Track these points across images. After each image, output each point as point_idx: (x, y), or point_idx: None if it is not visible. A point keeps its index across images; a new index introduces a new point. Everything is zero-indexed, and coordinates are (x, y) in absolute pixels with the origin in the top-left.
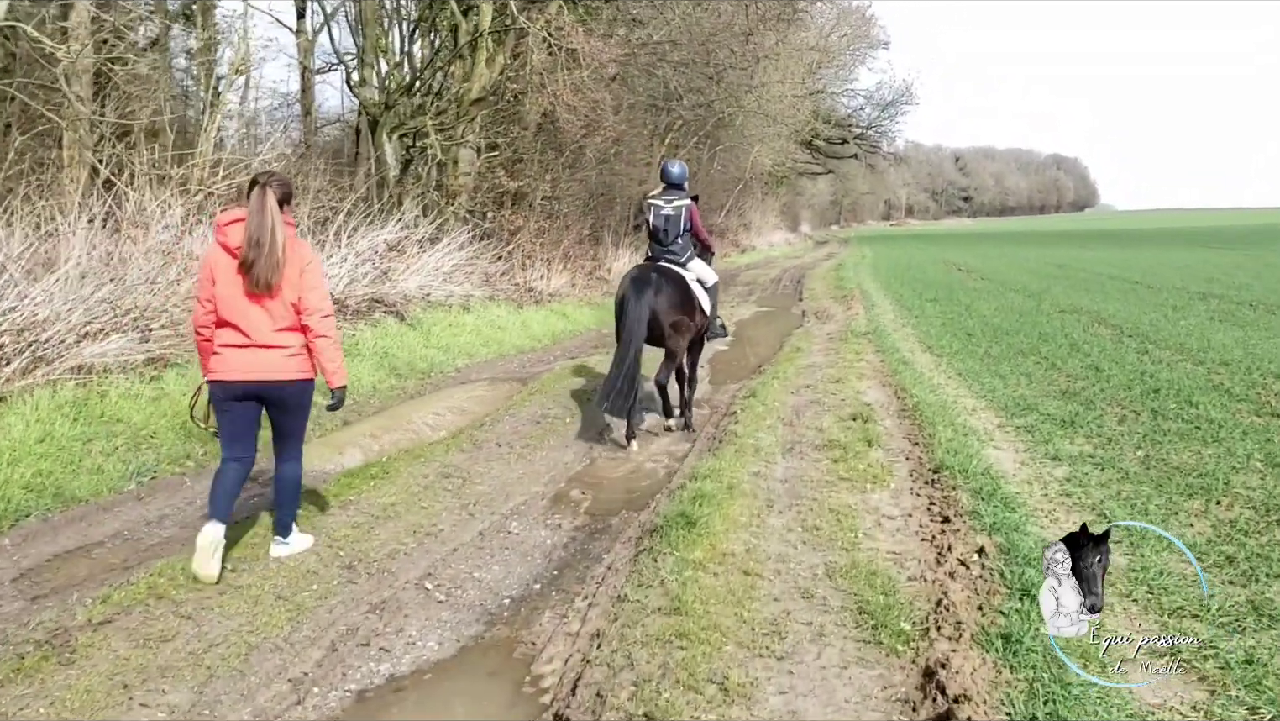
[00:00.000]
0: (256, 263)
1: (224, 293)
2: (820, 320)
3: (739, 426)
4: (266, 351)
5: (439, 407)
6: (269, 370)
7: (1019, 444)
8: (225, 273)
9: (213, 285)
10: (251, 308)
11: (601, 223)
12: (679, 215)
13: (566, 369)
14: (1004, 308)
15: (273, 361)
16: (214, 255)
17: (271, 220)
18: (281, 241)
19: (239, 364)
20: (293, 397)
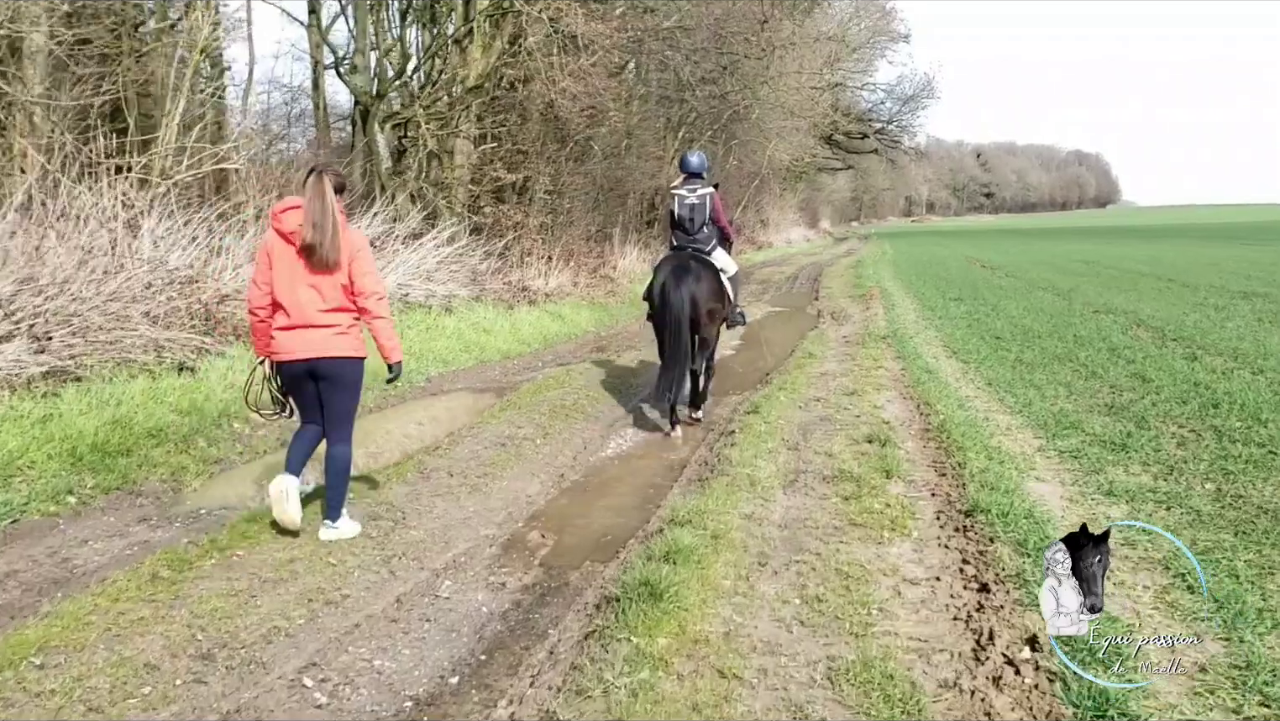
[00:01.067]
0: (320, 244)
1: (280, 277)
2: (837, 322)
3: (735, 450)
4: (314, 330)
5: (391, 426)
6: (317, 348)
7: (1065, 474)
8: (281, 257)
9: (269, 270)
10: (303, 290)
11: (610, 218)
12: (704, 203)
13: (551, 378)
14: (1033, 307)
15: (321, 339)
16: (270, 241)
17: (329, 203)
18: (340, 224)
19: (291, 343)
20: (341, 374)
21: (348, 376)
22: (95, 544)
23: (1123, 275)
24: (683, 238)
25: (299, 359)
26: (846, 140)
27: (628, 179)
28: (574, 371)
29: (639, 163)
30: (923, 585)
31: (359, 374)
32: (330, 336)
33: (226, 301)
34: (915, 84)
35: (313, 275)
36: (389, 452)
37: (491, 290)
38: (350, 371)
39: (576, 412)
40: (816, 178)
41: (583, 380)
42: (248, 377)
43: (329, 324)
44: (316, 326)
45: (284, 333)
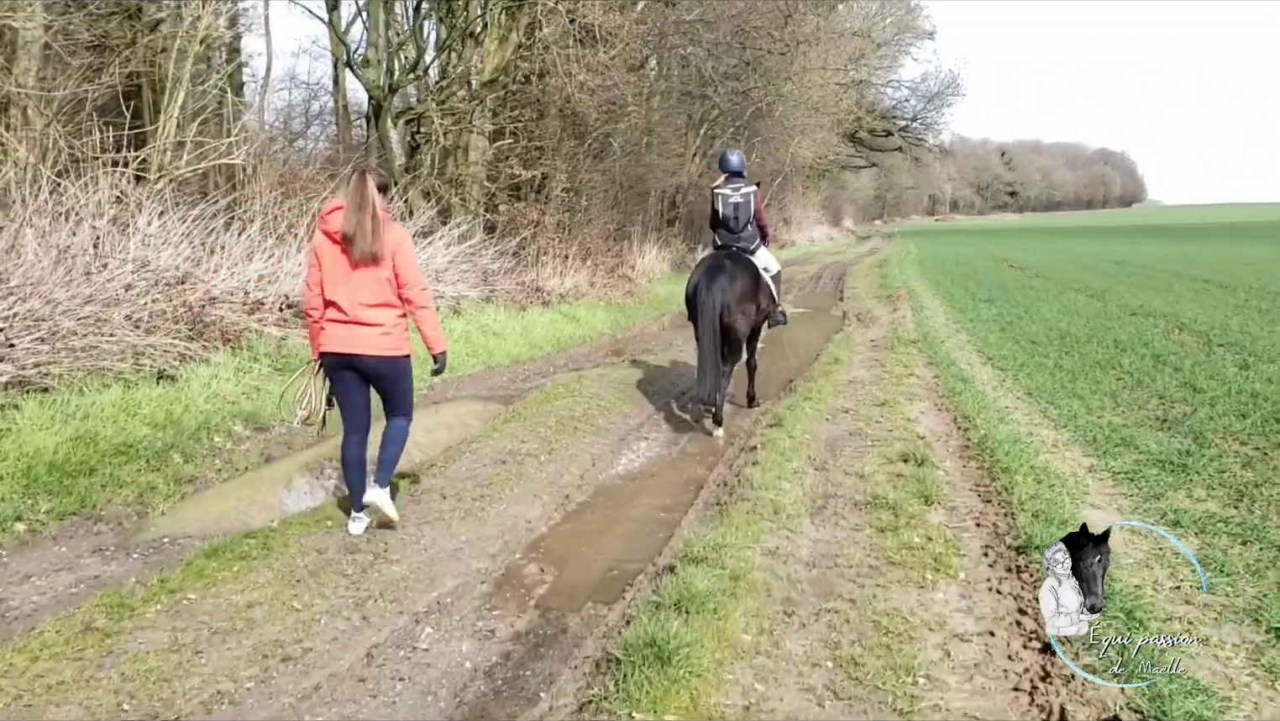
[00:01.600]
0: (357, 238)
1: (329, 275)
2: (863, 323)
3: (757, 470)
4: (360, 328)
5: None
6: (362, 345)
7: (1122, 499)
8: (329, 256)
9: (320, 270)
10: (350, 286)
11: (630, 216)
12: (747, 202)
13: (561, 385)
14: (1067, 309)
15: (366, 337)
16: (319, 242)
17: (369, 199)
18: (380, 220)
19: (336, 337)
20: (384, 372)
21: (397, 372)
22: (38, 580)
23: (1156, 275)
24: (727, 236)
25: (342, 352)
26: (870, 138)
27: (648, 176)
28: (586, 378)
29: (660, 160)
30: (975, 642)
31: (406, 368)
32: (376, 335)
33: (216, 304)
34: (940, 81)
35: (357, 270)
36: None
37: (503, 290)
38: (399, 368)
39: (586, 425)
40: (840, 175)
41: (594, 388)
42: (293, 377)
43: (374, 321)
44: (362, 324)
45: (332, 325)
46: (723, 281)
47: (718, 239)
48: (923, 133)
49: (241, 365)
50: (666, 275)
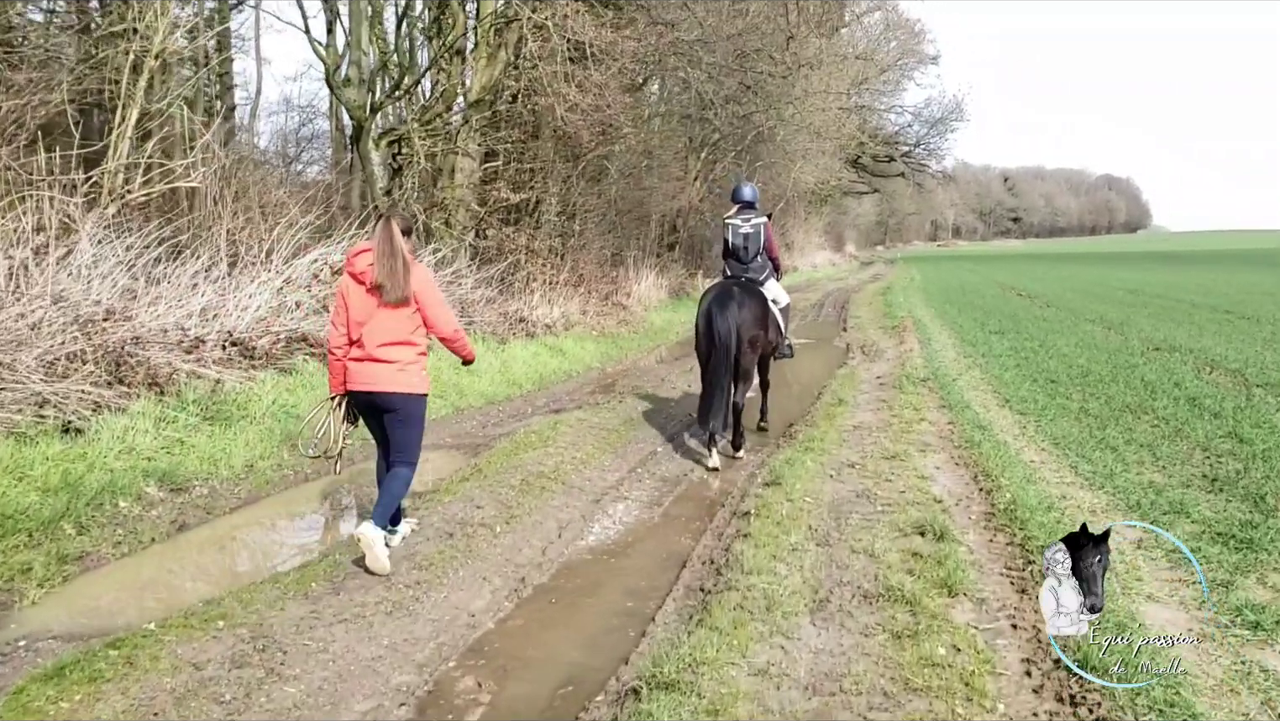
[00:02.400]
0: (387, 285)
1: (355, 315)
2: (868, 357)
3: (749, 546)
4: (378, 365)
5: (311, 508)
6: (380, 382)
7: (1184, 588)
8: (355, 296)
9: (346, 310)
10: (374, 325)
11: (627, 241)
12: (757, 233)
13: (534, 432)
14: (1085, 343)
15: (383, 374)
16: (345, 283)
17: (397, 245)
18: (406, 262)
19: (359, 375)
20: (401, 408)
21: (410, 411)
22: None
23: (1174, 305)
24: (737, 267)
25: (366, 390)
26: (873, 163)
27: (648, 200)
28: (563, 423)
29: (660, 184)
30: None
31: (421, 409)
32: (393, 373)
33: (145, 344)
34: (944, 106)
35: (383, 311)
36: (293, 550)
37: (482, 322)
38: (412, 407)
39: (556, 483)
40: (842, 201)
41: (571, 435)
42: (311, 413)
43: (392, 359)
44: (381, 361)
45: (354, 363)
46: (732, 309)
47: (727, 269)
48: (925, 158)
49: (165, 414)
50: (664, 303)
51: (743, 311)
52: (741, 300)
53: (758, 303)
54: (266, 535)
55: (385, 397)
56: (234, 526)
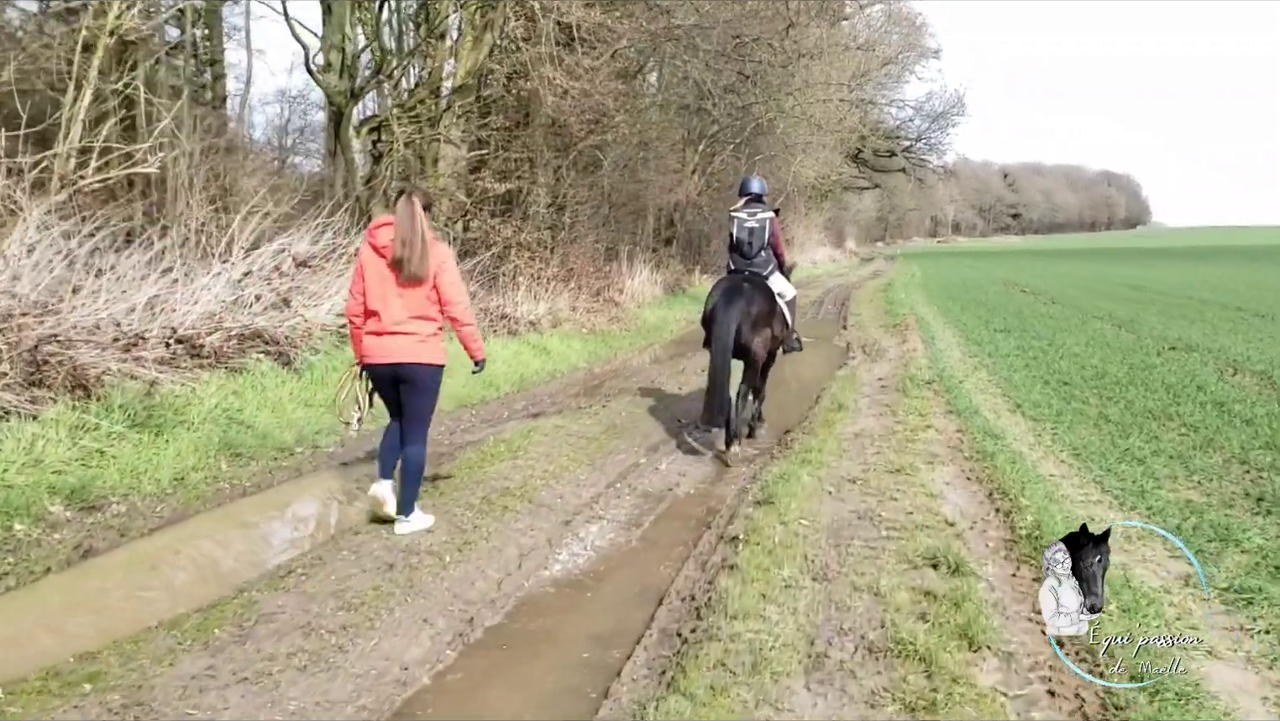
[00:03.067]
0: (409, 260)
1: (372, 286)
2: (869, 357)
3: (735, 581)
4: (398, 337)
5: (228, 534)
6: (400, 353)
7: (1249, 640)
8: (374, 269)
9: (363, 280)
10: (393, 299)
11: (622, 235)
12: (762, 228)
13: (505, 441)
14: (1096, 342)
15: (403, 345)
16: (365, 254)
17: (418, 222)
18: (427, 240)
19: (377, 347)
20: (420, 378)
21: (427, 381)
22: None
23: (1182, 302)
24: (741, 261)
25: (384, 362)
26: (874, 158)
27: (644, 193)
28: (538, 430)
29: (656, 176)
30: None
31: (437, 379)
32: (413, 344)
33: (70, 342)
34: (945, 101)
35: (401, 286)
36: (207, 583)
37: None
38: (429, 376)
39: (522, 501)
40: (842, 196)
41: (545, 445)
42: (339, 383)
43: (412, 331)
44: (401, 334)
45: (372, 337)
46: (740, 304)
47: (731, 263)
48: (927, 153)
49: (83, 421)
50: (658, 299)
51: (751, 307)
52: (750, 295)
53: (765, 297)
54: (184, 562)
55: (406, 369)
56: (147, 552)
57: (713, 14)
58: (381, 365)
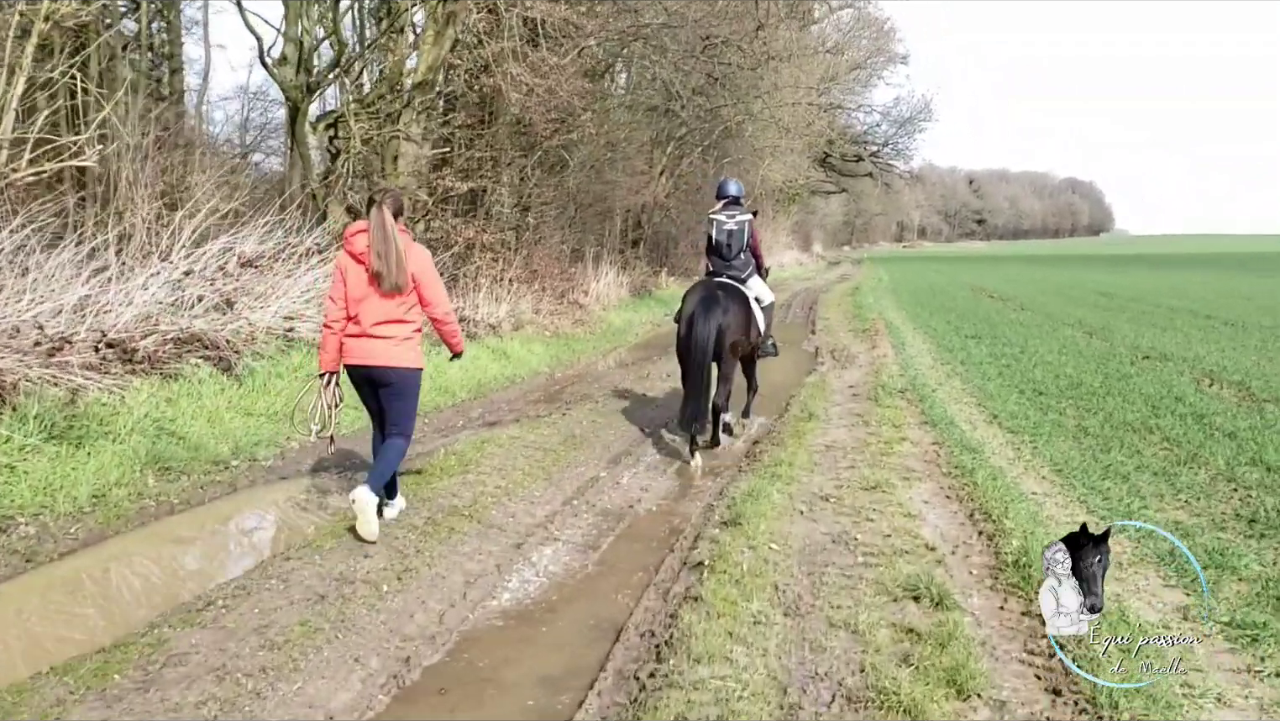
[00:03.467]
0: (386, 273)
1: (351, 292)
2: (839, 363)
3: (699, 615)
4: (375, 341)
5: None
6: (377, 356)
7: (1258, 684)
8: (353, 274)
9: (344, 285)
10: (371, 303)
11: (589, 236)
12: (741, 230)
13: (457, 454)
14: (1068, 350)
15: (380, 349)
16: (342, 260)
17: (390, 232)
18: (401, 249)
19: (355, 350)
20: (397, 382)
21: (405, 384)
22: None
23: (1152, 310)
24: (719, 264)
25: (362, 364)
26: (841, 163)
27: (610, 194)
28: (492, 442)
29: (623, 178)
30: None
31: (416, 382)
32: (389, 347)
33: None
34: (912, 106)
35: (382, 295)
36: (114, 618)
37: None
38: (407, 380)
39: (471, 521)
40: (810, 201)
41: (499, 457)
42: (301, 394)
43: (388, 335)
44: (378, 337)
45: (351, 339)
46: (716, 313)
47: (710, 265)
48: (894, 158)
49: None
50: (624, 302)
51: (726, 316)
52: (726, 305)
53: (741, 305)
54: (92, 593)
55: (382, 371)
56: (51, 581)
57: (681, 13)
58: (359, 366)
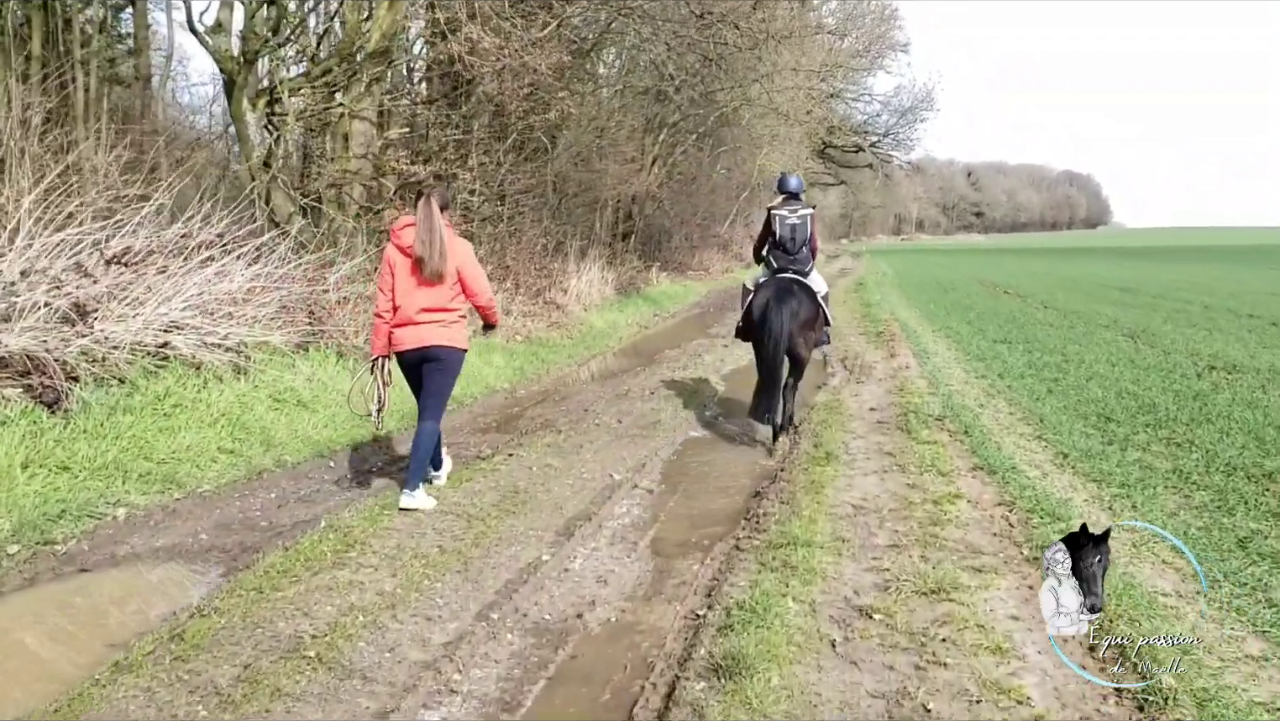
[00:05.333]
0: (428, 259)
1: (400, 283)
2: (854, 376)
3: None
4: (425, 326)
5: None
6: (428, 338)
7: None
8: (400, 267)
9: (392, 277)
10: (419, 293)
11: (574, 230)
12: (804, 224)
13: (344, 527)
14: (1117, 359)
15: (430, 331)
16: (391, 254)
17: (436, 222)
18: (446, 240)
19: (407, 337)
20: (444, 359)
21: (450, 362)
22: None
23: (1184, 307)
24: (782, 258)
25: (414, 348)
26: (840, 154)
27: (598, 183)
28: (397, 507)
29: (612, 165)
30: None
31: (460, 362)
32: (437, 329)
33: None
34: (914, 95)
35: (423, 283)
36: None
37: (340, 331)
38: (452, 359)
39: (317, 668)
40: (808, 193)
41: (400, 533)
42: (356, 379)
43: (437, 320)
44: (427, 323)
45: (400, 328)
46: (792, 305)
47: (773, 260)
48: (894, 148)
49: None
50: (609, 302)
51: (802, 309)
52: (800, 297)
53: (811, 300)
54: None
55: (434, 350)
56: None
57: None
58: (412, 350)
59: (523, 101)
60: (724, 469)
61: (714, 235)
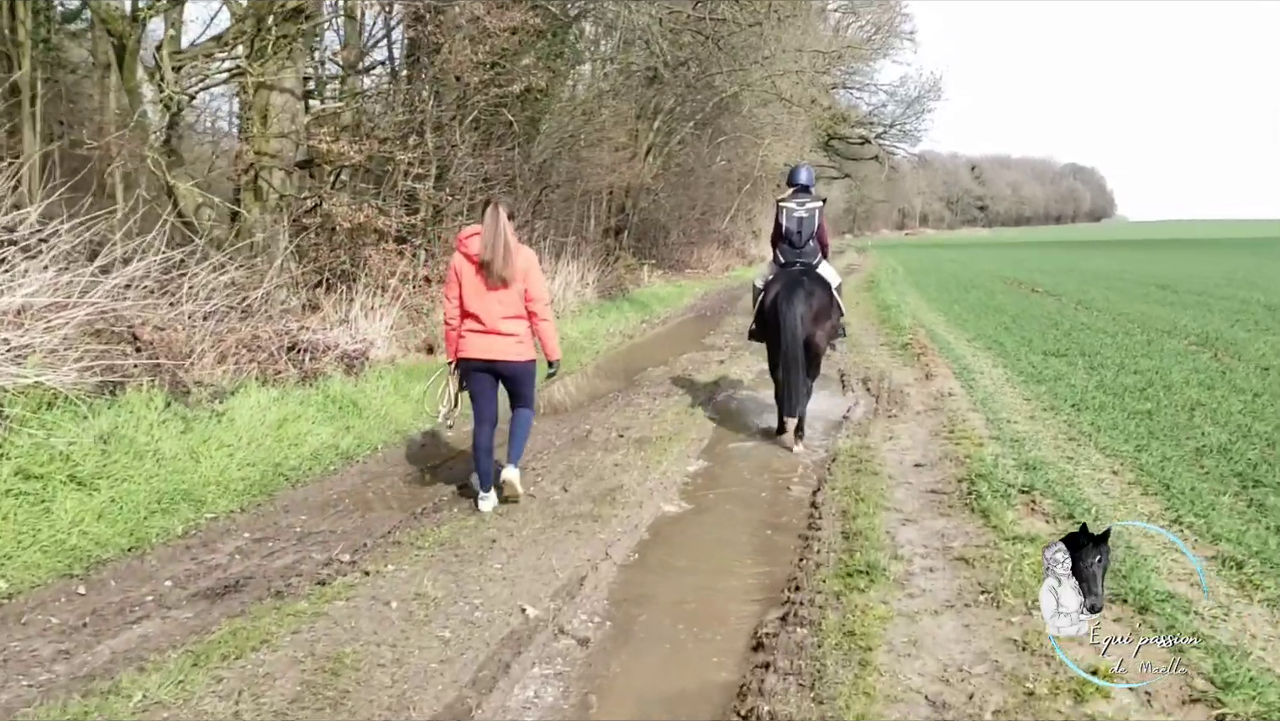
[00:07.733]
0: (493, 263)
1: (467, 291)
2: (882, 405)
3: None
4: (498, 337)
5: None
6: (500, 352)
7: None
8: (468, 275)
9: (459, 286)
10: (488, 301)
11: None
12: (812, 217)
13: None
14: (1211, 378)
15: (503, 345)
16: (458, 262)
17: (502, 228)
18: (512, 246)
19: (478, 345)
20: (518, 374)
21: (525, 374)
22: None
23: (1241, 306)
24: (789, 251)
25: (482, 359)
26: (845, 146)
27: (585, 173)
28: (214, 654)
29: (602, 154)
30: None
31: (532, 372)
32: (511, 344)
33: None
34: (920, 85)
35: (491, 289)
36: None
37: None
38: (525, 372)
39: None
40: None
41: None
42: (432, 380)
43: (510, 332)
44: (500, 334)
45: (472, 335)
46: (803, 297)
47: (779, 254)
48: (901, 140)
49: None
50: (589, 306)
51: (814, 301)
52: (811, 289)
53: (824, 290)
54: None
55: (507, 365)
56: None
57: None
58: (481, 360)
59: (482, 72)
60: (710, 582)
61: (714, 230)
